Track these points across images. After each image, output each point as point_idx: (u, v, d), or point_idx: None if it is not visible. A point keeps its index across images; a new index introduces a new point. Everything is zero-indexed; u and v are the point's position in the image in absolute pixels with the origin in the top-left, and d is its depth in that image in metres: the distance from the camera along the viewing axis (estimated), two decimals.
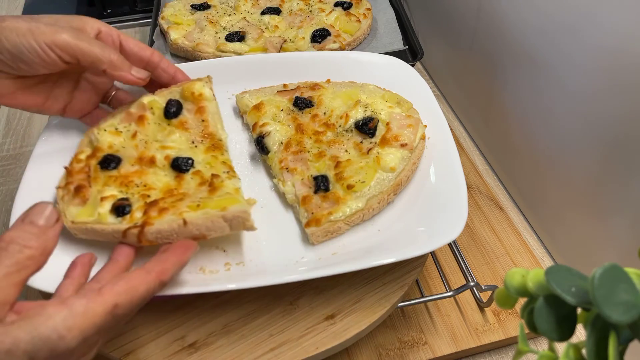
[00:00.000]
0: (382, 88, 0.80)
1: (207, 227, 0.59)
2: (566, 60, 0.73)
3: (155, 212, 0.60)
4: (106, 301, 0.47)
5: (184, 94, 0.74)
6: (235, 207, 0.59)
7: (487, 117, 0.98)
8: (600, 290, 0.30)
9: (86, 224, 0.61)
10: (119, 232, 0.59)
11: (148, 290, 0.50)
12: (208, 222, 0.58)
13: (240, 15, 1.07)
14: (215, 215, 0.59)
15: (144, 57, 0.71)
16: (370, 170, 0.68)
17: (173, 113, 0.72)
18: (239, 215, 0.59)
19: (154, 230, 0.58)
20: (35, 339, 0.42)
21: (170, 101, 0.73)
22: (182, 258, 0.55)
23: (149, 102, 0.73)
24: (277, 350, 0.61)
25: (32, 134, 1.08)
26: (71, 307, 0.44)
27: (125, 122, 0.72)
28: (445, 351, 0.72)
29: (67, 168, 0.68)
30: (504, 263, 0.82)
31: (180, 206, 0.60)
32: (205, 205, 0.60)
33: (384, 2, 1.12)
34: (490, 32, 0.91)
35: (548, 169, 0.82)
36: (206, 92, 0.74)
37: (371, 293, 0.65)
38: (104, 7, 1.35)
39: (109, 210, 0.61)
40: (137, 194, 0.64)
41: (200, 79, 0.75)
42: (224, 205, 0.60)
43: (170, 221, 0.58)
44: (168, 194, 0.64)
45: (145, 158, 0.68)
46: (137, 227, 0.58)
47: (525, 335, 0.37)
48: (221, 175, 0.66)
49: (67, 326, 0.43)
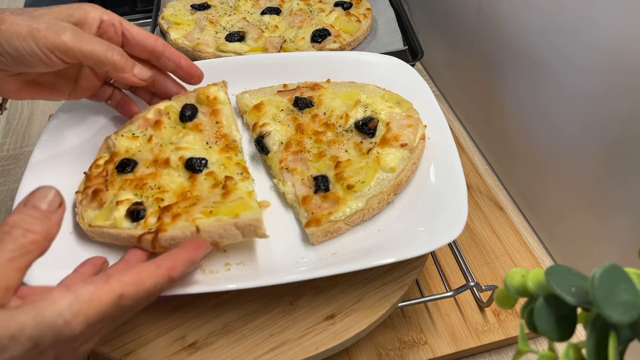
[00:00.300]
0: (382, 88, 0.80)
1: (220, 234, 0.59)
2: (566, 61, 0.73)
3: (169, 218, 0.61)
4: (113, 289, 0.46)
5: (199, 98, 0.76)
6: (248, 215, 0.60)
7: (487, 117, 0.98)
8: (600, 290, 0.30)
9: (102, 228, 0.62)
10: (134, 237, 0.60)
11: (156, 284, 0.50)
12: (220, 230, 0.59)
13: (240, 15, 1.07)
14: (228, 223, 0.59)
15: (147, 46, 0.70)
16: (370, 170, 0.68)
17: (188, 117, 0.74)
18: (251, 223, 0.60)
19: (168, 236, 0.59)
20: (40, 324, 0.41)
21: (185, 105, 0.75)
22: (194, 255, 0.55)
23: (166, 107, 0.75)
24: (277, 350, 0.61)
25: (32, 134, 1.08)
26: (77, 292, 0.43)
27: (142, 127, 0.74)
28: (445, 351, 0.72)
29: (86, 173, 0.70)
30: (504, 263, 0.82)
31: (193, 212, 0.61)
32: (217, 211, 0.61)
33: (384, 2, 1.12)
34: (490, 32, 0.91)
35: (548, 169, 0.82)
36: (221, 95, 0.77)
37: (371, 293, 0.65)
38: (104, 6, 1.35)
39: (124, 215, 0.63)
40: (151, 197, 0.65)
41: (216, 84, 0.78)
42: (236, 211, 0.60)
43: (184, 228, 0.59)
44: (181, 197, 0.64)
45: (160, 160, 0.69)
46: (151, 234, 0.60)
47: (525, 335, 0.37)
48: (235, 178, 0.66)
49: (73, 311, 0.42)
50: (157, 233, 0.59)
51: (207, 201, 0.63)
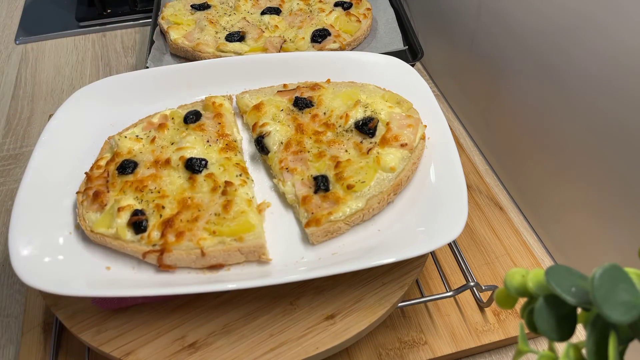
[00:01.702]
0: (382, 88, 0.79)
1: (224, 258, 0.62)
2: (566, 60, 0.73)
3: (173, 236, 0.62)
4: None
5: (206, 105, 0.79)
6: (252, 241, 0.62)
7: (487, 117, 0.98)
8: (600, 290, 0.30)
9: (105, 237, 0.64)
10: (138, 252, 0.62)
11: None
12: (225, 254, 0.62)
13: (240, 15, 1.07)
14: (232, 248, 0.62)
15: None
16: (370, 170, 0.68)
17: (192, 120, 0.77)
18: (255, 250, 0.62)
19: (173, 257, 0.61)
20: None
21: (190, 111, 0.78)
22: None
23: (171, 112, 0.77)
24: (277, 350, 0.61)
25: (32, 134, 1.08)
26: None
27: (146, 130, 0.76)
28: (445, 351, 0.72)
29: (87, 173, 0.70)
30: (504, 263, 0.82)
31: (195, 230, 0.62)
32: (221, 232, 0.62)
33: (384, 2, 1.12)
34: (490, 32, 0.91)
35: (548, 168, 0.82)
36: (226, 103, 0.79)
37: (371, 293, 0.65)
38: (104, 7, 1.35)
39: (126, 224, 0.64)
40: (151, 203, 0.65)
41: (223, 96, 0.81)
42: (239, 233, 0.62)
43: (188, 250, 0.61)
44: (182, 205, 0.65)
45: (161, 160, 0.70)
46: (156, 252, 0.61)
47: (525, 335, 0.37)
48: (234, 183, 0.67)
49: None
50: (162, 252, 0.61)
51: (209, 213, 0.64)
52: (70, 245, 0.65)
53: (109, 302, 0.63)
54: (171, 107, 0.80)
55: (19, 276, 0.58)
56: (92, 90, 0.81)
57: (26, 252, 0.61)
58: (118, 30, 1.34)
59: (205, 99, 0.79)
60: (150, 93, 0.82)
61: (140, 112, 0.80)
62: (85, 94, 0.81)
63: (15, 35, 1.34)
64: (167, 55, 1.01)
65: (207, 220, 0.63)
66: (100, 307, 0.63)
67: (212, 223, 0.63)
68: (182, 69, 0.85)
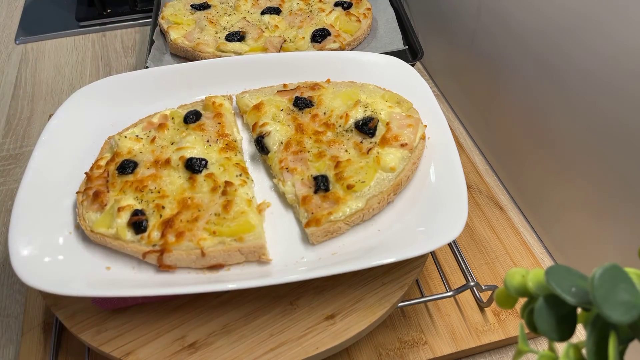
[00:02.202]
0: (382, 88, 0.79)
1: (224, 258, 0.62)
2: (566, 60, 0.73)
3: (172, 236, 0.62)
4: None
5: (206, 105, 0.79)
6: (252, 241, 0.62)
7: (487, 117, 0.98)
8: (600, 290, 0.30)
9: (105, 237, 0.64)
10: (138, 252, 0.62)
11: None
12: (225, 254, 0.62)
13: (240, 15, 1.07)
14: (232, 248, 0.62)
15: None
16: (370, 170, 0.68)
17: (192, 120, 0.77)
18: (255, 250, 0.62)
19: (173, 257, 0.61)
20: None
21: (190, 111, 0.78)
22: None
23: (171, 112, 0.77)
24: (277, 350, 0.61)
25: (32, 134, 1.08)
26: None
27: (146, 130, 0.76)
28: (445, 351, 0.72)
29: (87, 173, 0.70)
30: (504, 263, 0.82)
31: (195, 230, 0.62)
32: (221, 232, 0.62)
33: (384, 2, 1.12)
34: (490, 32, 0.91)
35: (548, 168, 0.82)
36: (226, 103, 0.79)
37: (371, 293, 0.65)
38: (104, 7, 1.35)
39: (126, 224, 0.64)
40: (151, 203, 0.65)
41: (223, 96, 0.81)
42: (239, 233, 0.62)
43: (189, 250, 0.61)
44: (182, 205, 0.65)
45: (161, 160, 0.70)
46: (156, 252, 0.61)
47: (525, 335, 0.37)
48: (234, 183, 0.67)
49: None
50: (162, 252, 0.61)
51: (209, 213, 0.64)
52: (70, 245, 0.65)
53: (109, 302, 0.63)
54: (171, 107, 0.80)
55: (19, 276, 0.58)
56: (92, 90, 0.81)
57: (26, 252, 0.61)
58: (118, 30, 1.34)
59: (205, 99, 0.79)
60: (150, 93, 0.83)
61: (140, 112, 0.80)
62: (85, 94, 0.81)
63: (15, 35, 1.34)
64: (167, 55, 1.01)
65: (207, 221, 0.63)
66: (100, 307, 0.63)
67: (212, 223, 0.63)
68: (182, 69, 0.85)
